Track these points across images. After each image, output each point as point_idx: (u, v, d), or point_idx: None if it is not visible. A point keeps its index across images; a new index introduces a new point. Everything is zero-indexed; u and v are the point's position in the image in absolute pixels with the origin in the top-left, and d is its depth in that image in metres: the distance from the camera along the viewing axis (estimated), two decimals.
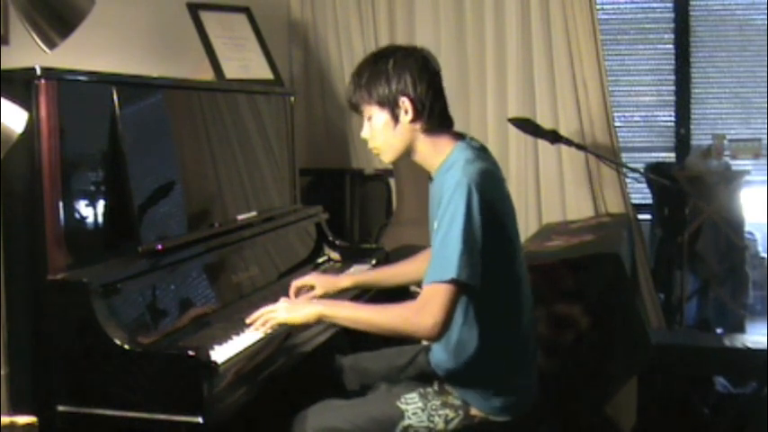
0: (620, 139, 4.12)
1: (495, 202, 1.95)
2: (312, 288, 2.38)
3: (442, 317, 1.84)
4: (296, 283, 2.39)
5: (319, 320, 2.04)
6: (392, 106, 2.01)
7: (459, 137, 2.07)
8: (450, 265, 1.84)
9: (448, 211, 1.89)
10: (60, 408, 1.89)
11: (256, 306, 2.18)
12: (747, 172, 4.38)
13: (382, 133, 2.05)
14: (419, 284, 2.02)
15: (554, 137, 3.57)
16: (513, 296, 2.05)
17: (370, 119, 2.06)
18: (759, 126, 4.66)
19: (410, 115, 2.01)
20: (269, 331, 2.08)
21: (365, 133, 2.10)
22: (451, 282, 1.84)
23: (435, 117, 2.03)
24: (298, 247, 2.95)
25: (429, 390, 2.05)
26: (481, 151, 2.06)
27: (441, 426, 2.01)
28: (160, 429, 1.83)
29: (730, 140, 4.41)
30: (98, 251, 2.05)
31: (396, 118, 2.02)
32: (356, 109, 2.09)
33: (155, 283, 2.09)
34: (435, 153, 2.04)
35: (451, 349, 2.04)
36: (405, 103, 2.00)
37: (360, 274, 2.50)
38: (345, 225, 3.91)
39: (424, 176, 2.13)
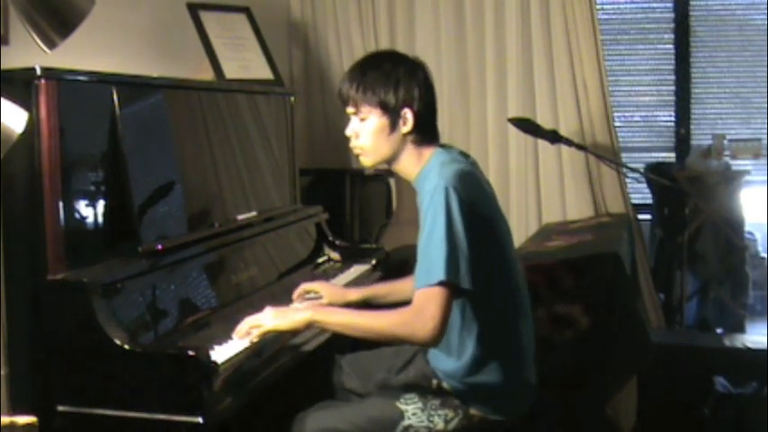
0: (620, 139, 4.12)
1: (477, 201, 1.95)
2: (318, 295, 2.37)
3: (439, 320, 1.84)
4: (303, 286, 2.38)
5: (309, 327, 2.02)
6: (394, 114, 2.01)
7: (437, 146, 2.08)
8: (437, 268, 1.84)
9: (428, 215, 1.89)
10: (60, 408, 1.89)
11: (256, 306, 2.18)
12: (747, 172, 4.38)
13: (374, 137, 2.04)
14: None
15: (554, 137, 3.57)
16: (509, 295, 2.05)
17: (364, 120, 2.04)
18: (759, 126, 4.66)
19: (408, 127, 2.01)
20: (255, 340, 2.04)
21: (351, 131, 2.08)
22: (441, 284, 1.84)
23: (428, 131, 2.05)
24: (298, 247, 2.95)
25: (428, 389, 2.05)
26: (459, 155, 2.07)
27: (440, 425, 2.01)
28: (160, 429, 1.83)
29: (730, 140, 4.41)
30: (98, 251, 2.05)
31: (393, 126, 2.02)
32: (353, 105, 2.05)
33: (155, 283, 2.09)
34: (416, 163, 2.05)
35: (449, 349, 2.04)
36: (407, 114, 2.01)
37: (369, 287, 2.46)
38: (345, 225, 3.91)
39: None
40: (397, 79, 2.00)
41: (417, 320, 1.85)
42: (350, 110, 2.06)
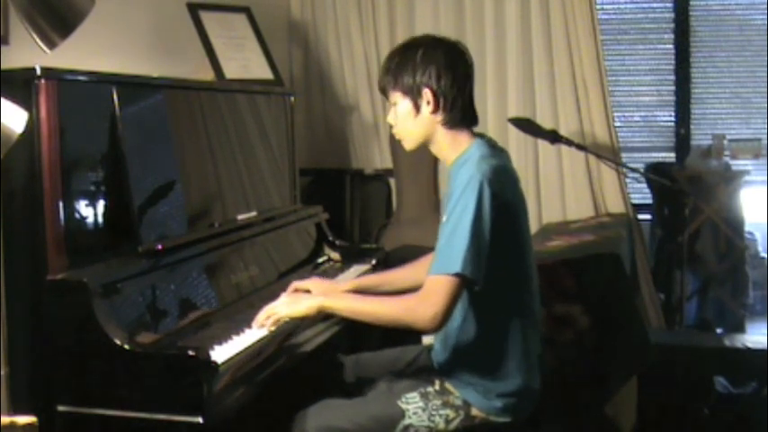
0: (620, 139, 4.12)
1: (508, 199, 1.97)
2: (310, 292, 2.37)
3: (442, 308, 1.86)
4: (294, 285, 2.39)
5: (320, 312, 2.05)
6: (415, 96, 2.04)
7: (479, 135, 2.09)
8: (455, 259, 1.86)
9: (459, 205, 1.91)
10: (60, 408, 1.89)
11: (256, 306, 2.18)
12: (747, 172, 4.38)
13: (403, 121, 2.09)
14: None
15: (554, 137, 3.57)
16: (521, 295, 2.05)
17: (395, 105, 2.09)
18: (759, 126, 4.66)
19: (431, 107, 2.04)
20: (272, 329, 2.09)
21: (390, 119, 2.14)
22: (455, 275, 1.86)
23: (457, 111, 2.05)
24: (298, 247, 2.95)
25: (430, 389, 2.05)
26: (498, 150, 2.08)
27: (441, 426, 2.01)
28: (160, 429, 1.83)
29: (730, 140, 4.42)
30: (98, 251, 2.05)
31: (417, 108, 2.05)
32: (384, 93, 2.13)
33: (155, 283, 2.09)
34: (453, 147, 2.06)
35: (455, 348, 2.05)
36: (427, 94, 2.03)
37: (359, 279, 2.49)
38: (345, 225, 3.91)
39: (423, 176, 2.14)
40: (415, 60, 2.03)
41: (421, 306, 1.87)
42: (386, 98, 2.13)
